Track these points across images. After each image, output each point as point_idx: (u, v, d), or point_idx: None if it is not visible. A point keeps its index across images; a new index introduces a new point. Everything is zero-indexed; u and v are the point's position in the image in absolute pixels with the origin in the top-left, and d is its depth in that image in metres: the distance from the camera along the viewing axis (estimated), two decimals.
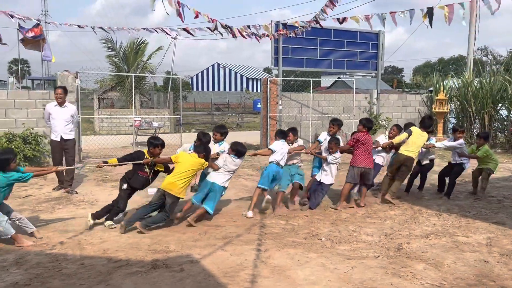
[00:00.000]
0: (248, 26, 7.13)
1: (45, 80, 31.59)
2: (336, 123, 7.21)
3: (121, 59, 21.50)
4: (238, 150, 6.28)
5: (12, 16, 7.16)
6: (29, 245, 5.08)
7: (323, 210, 6.82)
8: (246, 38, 7.03)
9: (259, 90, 39.34)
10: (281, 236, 5.54)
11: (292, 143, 7.01)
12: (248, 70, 56.51)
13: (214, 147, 6.50)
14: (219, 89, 54.87)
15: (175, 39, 16.76)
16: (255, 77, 53.62)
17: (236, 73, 54.51)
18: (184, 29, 7.38)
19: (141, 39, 21.97)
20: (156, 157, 6.03)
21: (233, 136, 6.79)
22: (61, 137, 7.75)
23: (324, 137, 7.27)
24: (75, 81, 10.52)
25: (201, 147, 6.07)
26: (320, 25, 7.27)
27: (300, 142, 7.21)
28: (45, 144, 10.06)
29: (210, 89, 55.29)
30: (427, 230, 5.88)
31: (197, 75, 57.36)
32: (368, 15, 7.05)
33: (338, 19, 6.99)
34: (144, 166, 5.99)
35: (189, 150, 6.37)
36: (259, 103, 31.25)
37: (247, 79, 53.62)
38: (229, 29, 6.78)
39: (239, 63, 58.12)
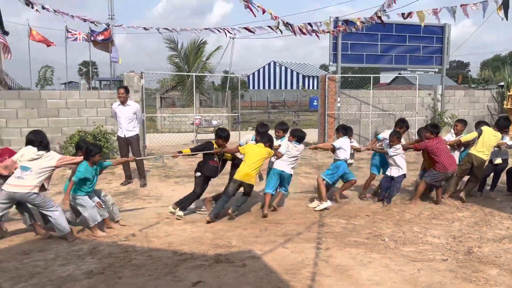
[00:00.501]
0: (309, 24, 7.07)
1: (112, 80, 33.35)
2: (403, 125, 7.19)
3: (182, 59, 22.18)
4: (297, 135, 6.69)
5: (84, 20, 7.63)
6: (102, 236, 5.44)
7: (385, 210, 6.63)
8: (306, 35, 6.98)
9: (315, 88, 38.88)
10: (342, 235, 5.46)
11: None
12: (304, 68, 56.13)
13: (276, 143, 6.66)
14: (275, 87, 55.01)
15: (233, 38, 17.04)
16: (311, 74, 53.15)
17: (292, 71, 54.35)
18: (245, 28, 7.48)
19: (201, 40, 22.55)
20: (223, 147, 6.43)
21: None
22: (124, 134, 8.18)
23: (385, 136, 7.21)
24: (140, 81, 11.02)
25: (265, 138, 6.40)
26: (382, 21, 7.05)
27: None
28: (113, 141, 10.64)
29: (266, 87, 55.56)
30: (500, 234, 5.53)
31: (253, 73, 57.87)
32: (436, 8, 6.72)
33: (402, 14, 6.73)
34: (214, 155, 6.39)
35: (251, 140, 6.75)
36: (315, 101, 31.00)
37: (303, 76, 53.28)
38: (289, 26, 6.78)
39: (295, 60, 57.85)
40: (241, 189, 6.25)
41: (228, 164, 6.73)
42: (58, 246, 5.09)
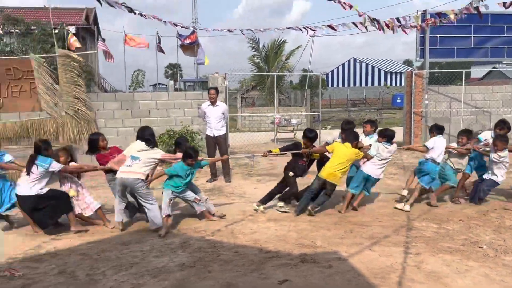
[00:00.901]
0: (397, 19, 6.78)
1: (196, 82, 34.81)
2: (505, 126, 6.68)
3: (262, 59, 22.50)
4: (388, 134, 6.42)
5: (175, 25, 8.07)
6: (214, 219, 6.05)
7: (482, 215, 6.16)
8: (392, 31, 6.70)
9: (398, 84, 37.24)
10: (434, 240, 5.17)
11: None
12: (386, 64, 53.86)
13: (365, 140, 6.50)
14: (355, 84, 53.43)
15: (313, 36, 16.90)
16: (394, 70, 50.81)
17: (373, 67, 52.41)
18: (329, 26, 7.38)
19: (281, 39, 22.71)
20: (311, 148, 6.48)
21: None
22: (213, 133, 8.50)
23: (486, 136, 6.69)
24: (224, 82, 11.37)
25: (351, 136, 6.29)
26: (479, 12, 6.52)
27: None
28: (199, 140, 11.11)
29: (346, 85, 54.28)
30: None
31: (332, 71, 56.74)
32: None
33: (504, 3, 6.16)
34: (303, 155, 6.44)
35: (338, 138, 6.73)
36: (398, 98, 29.63)
37: (385, 73, 51.17)
38: (376, 22, 6.55)
39: (376, 56, 55.83)
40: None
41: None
42: (153, 239, 5.44)
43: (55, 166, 5.67)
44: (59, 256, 4.92)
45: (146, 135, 5.78)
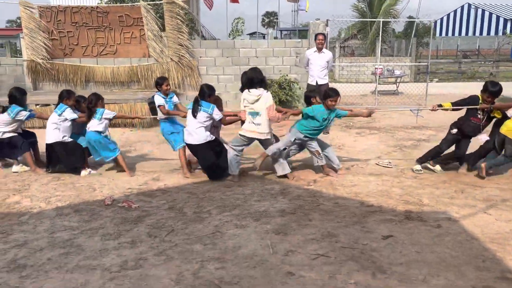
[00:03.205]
0: None
1: (291, 30, 34.13)
2: None
3: (367, 4, 21.11)
4: None
5: None
6: (331, 175, 5.77)
7: None
8: None
9: None
10: None
11: None
12: (508, 10, 47.57)
13: None
14: (467, 33, 48.40)
15: None
16: None
17: (491, 14, 46.72)
18: None
19: None
20: (492, 103, 5.62)
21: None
22: (316, 82, 8.27)
23: None
24: (325, 29, 10.89)
25: None
26: None
27: None
28: (296, 89, 10.96)
29: (456, 33, 49.33)
30: None
31: (441, 18, 51.77)
32: None
33: None
34: (478, 112, 5.69)
35: None
36: None
37: (505, 20, 45.35)
38: None
39: (495, 2, 49.36)
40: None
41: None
42: (254, 183, 5.57)
43: (217, 114, 5.59)
44: (168, 193, 5.28)
45: (257, 78, 5.46)
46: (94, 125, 5.91)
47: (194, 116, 5.55)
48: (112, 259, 3.57)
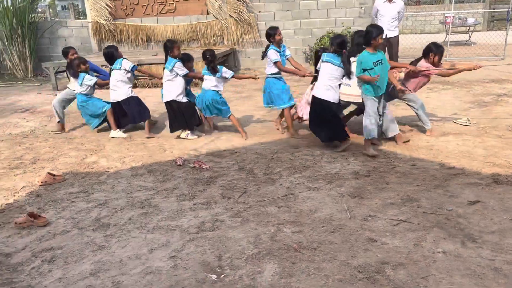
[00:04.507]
0: None
1: None
2: None
3: None
4: None
5: None
6: (372, 154, 4.88)
7: None
8: None
9: None
10: None
11: None
12: None
13: None
14: None
15: None
16: None
17: None
18: None
19: None
20: None
21: None
22: (386, 34, 7.75)
23: None
24: None
25: None
26: None
27: None
28: None
29: None
30: None
31: None
32: None
33: None
34: None
35: None
36: None
37: None
38: None
39: None
40: None
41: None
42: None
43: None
44: (237, 153, 5.25)
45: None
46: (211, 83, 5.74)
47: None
48: (190, 220, 3.62)
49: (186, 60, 5.89)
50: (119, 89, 6.01)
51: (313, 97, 5.13)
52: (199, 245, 3.23)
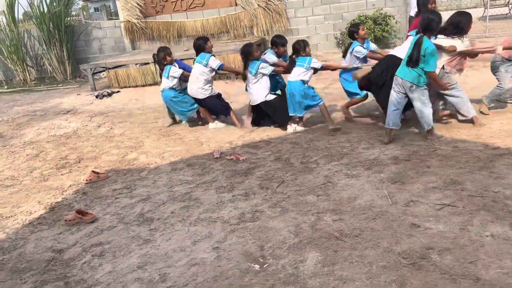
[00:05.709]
0: None
1: None
2: None
3: None
4: None
5: None
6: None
7: None
8: None
9: None
10: None
11: None
12: None
13: None
14: None
15: None
16: None
17: None
18: None
19: None
20: None
21: None
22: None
23: None
24: None
25: None
26: None
27: None
28: (393, 24, 10.09)
29: None
30: None
31: None
32: None
33: None
34: None
35: None
36: None
37: None
38: None
39: None
40: None
41: None
42: (359, 130, 5.31)
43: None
44: (272, 143, 5.27)
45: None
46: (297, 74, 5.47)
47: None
48: (230, 212, 3.68)
49: (280, 44, 5.74)
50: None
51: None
52: (241, 236, 3.27)
